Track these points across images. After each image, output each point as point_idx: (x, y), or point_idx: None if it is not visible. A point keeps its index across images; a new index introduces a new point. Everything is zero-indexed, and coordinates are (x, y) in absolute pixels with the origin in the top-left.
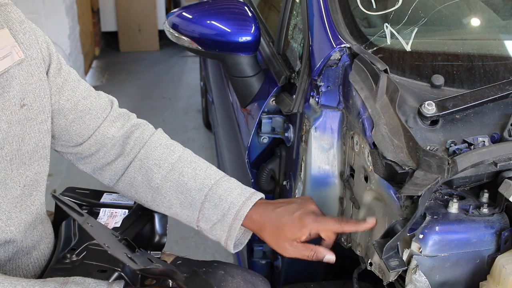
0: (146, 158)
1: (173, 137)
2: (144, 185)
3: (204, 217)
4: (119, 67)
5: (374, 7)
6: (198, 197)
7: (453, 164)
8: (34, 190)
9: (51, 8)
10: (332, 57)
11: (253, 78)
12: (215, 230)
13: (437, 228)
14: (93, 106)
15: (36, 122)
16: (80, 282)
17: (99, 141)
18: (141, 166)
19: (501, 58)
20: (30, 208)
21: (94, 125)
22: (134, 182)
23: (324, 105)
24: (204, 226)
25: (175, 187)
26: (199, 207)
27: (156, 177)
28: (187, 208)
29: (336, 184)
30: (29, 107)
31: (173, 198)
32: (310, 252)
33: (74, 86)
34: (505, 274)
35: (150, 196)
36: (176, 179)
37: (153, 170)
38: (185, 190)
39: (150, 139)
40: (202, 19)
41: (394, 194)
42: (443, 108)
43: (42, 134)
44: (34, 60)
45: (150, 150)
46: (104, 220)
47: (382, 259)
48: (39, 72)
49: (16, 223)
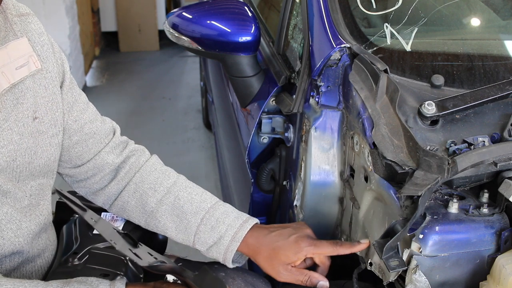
0: (141, 182)
1: (173, 137)
2: (138, 209)
3: (200, 240)
4: (119, 67)
5: (374, 7)
6: (194, 220)
7: (453, 164)
8: (41, 200)
9: (51, 8)
10: (332, 57)
11: (253, 78)
12: (211, 253)
13: (437, 228)
14: (98, 131)
15: (47, 135)
16: (83, 280)
17: (98, 166)
18: (135, 190)
19: (501, 58)
20: (39, 218)
21: (96, 150)
22: (127, 207)
23: (324, 105)
24: (201, 248)
25: (171, 211)
26: (194, 230)
27: (151, 201)
28: (182, 232)
29: (336, 184)
30: (40, 120)
31: (168, 222)
32: (304, 277)
33: (83, 108)
34: (505, 274)
35: (143, 220)
36: (171, 203)
37: (148, 194)
38: (180, 213)
39: (145, 164)
40: (202, 19)
41: (394, 194)
42: (443, 108)
43: (53, 148)
44: (49, 73)
45: (146, 175)
46: None
47: (382, 259)
48: (53, 85)
49: (25, 233)
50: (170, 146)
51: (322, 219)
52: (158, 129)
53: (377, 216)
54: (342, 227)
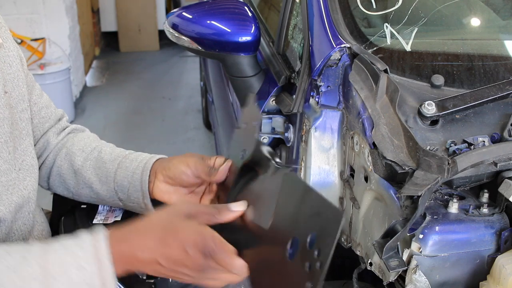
0: (72, 145)
1: (173, 137)
2: (70, 170)
3: (118, 185)
4: (119, 67)
5: (374, 7)
6: (111, 166)
7: (453, 164)
8: (28, 176)
9: (51, 8)
10: (332, 57)
11: (253, 78)
12: (132, 196)
13: (437, 228)
14: (52, 116)
15: (17, 110)
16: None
17: (42, 147)
18: (66, 153)
19: (501, 58)
20: (22, 192)
21: (43, 131)
22: (62, 171)
23: (324, 105)
24: (123, 197)
25: (94, 164)
26: (113, 176)
27: (78, 160)
28: (104, 183)
29: (336, 184)
30: (9, 95)
31: (92, 176)
32: None
33: (39, 93)
34: (505, 274)
35: (74, 180)
36: (95, 157)
37: (76, 154)
38: (101, 164)
39: (79, 134)
40: (202, 19)
41: (394, 194)
42: (443, 108)
43: (24, 123)
44: (11, 51)
45: (77, 140)
46: (103, 214)
47: (382, 259)
48: (16, 64)
49: (6, 203)
50: (170, 146)
51: None
52: (158, 129)
53: (377, 216)
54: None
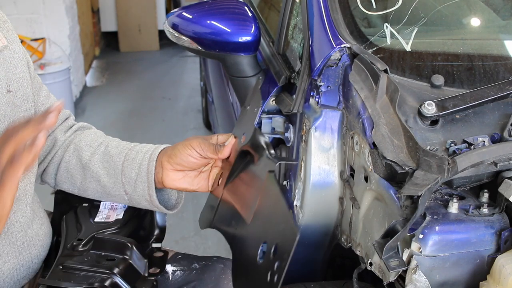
0: (79, 141)
1: (173, 137)
2: (78, 165)
3: (126, 177)
4: (119, 67)
5: (374, 7)
6: (118, 159)
7: (453, 164)
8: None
9: (51, 8)
10: (332, 57)
11: (253, 78)
12: (138, 188)
13: (437, 228)
14: (59, 116)
15: (21, 109)
16: None
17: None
18: (74, 148)
19: (501, 58)
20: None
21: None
22: (69, 166)
23: (324, 105)
24: (129, 189)
25: (101, 158)
26: (120, 169)
27: (85, 154)
28: (112, 175)
29: (336, 184)
30: (14, 94)
31: (100, 169)
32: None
33: (47, 94)
34: (505, 274)
35: (81, 174)
36: (102, 151)
37: (84, 149)
38: (109, 158)
39: (86, 130)
40: (202, 19)
41: (394, 194)
42: (443, 108)
43: None
44: (16, 53)
45: (84, 136)
46: (105, 212)
47: (382, 259)
48: (22, 65)
49: None
50: None
51: (322, 219)
52: (158, 129)
53: (377, 216)
54: (342, 227)
